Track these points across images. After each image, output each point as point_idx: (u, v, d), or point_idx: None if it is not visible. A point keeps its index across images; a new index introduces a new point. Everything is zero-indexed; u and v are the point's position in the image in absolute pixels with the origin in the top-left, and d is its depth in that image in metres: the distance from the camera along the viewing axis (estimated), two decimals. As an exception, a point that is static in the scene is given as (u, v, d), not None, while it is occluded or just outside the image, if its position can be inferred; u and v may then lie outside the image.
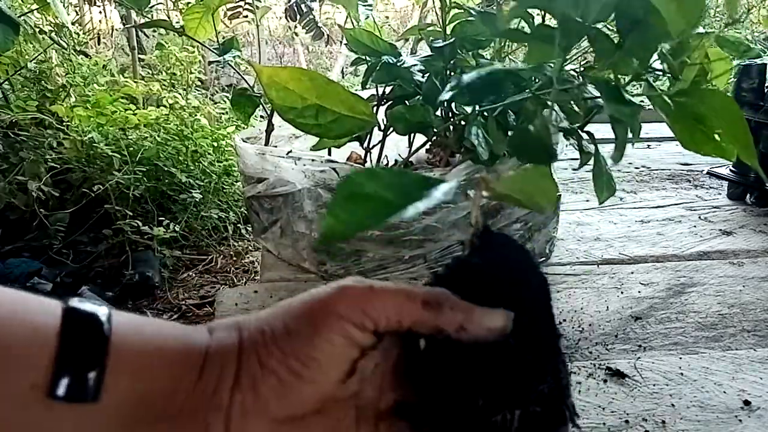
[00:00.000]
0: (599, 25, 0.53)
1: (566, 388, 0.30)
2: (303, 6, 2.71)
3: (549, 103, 0.51)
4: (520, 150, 0.37)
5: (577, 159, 0.70)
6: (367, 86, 1.05)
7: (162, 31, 2.47)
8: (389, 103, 1.07)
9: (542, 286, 0.32)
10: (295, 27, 3.10)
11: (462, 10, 0.95)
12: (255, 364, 0.28)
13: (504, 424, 0.28)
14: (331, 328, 0.28)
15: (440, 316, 0.29)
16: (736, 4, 0.50)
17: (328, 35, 2.91)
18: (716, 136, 0.48)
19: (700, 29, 0.47)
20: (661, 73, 0.52)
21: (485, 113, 0.68)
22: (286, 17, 2.93)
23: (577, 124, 0.66)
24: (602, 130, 0.86)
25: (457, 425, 0.29)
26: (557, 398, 0.29)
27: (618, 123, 0.53)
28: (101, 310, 0.28)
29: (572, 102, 0.65)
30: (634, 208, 1.59)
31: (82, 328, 0.27)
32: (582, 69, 0.79)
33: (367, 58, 1.02)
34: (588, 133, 0.67)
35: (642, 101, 0.57)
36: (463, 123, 0.84)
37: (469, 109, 0.70)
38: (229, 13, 2.20)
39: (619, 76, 0.51)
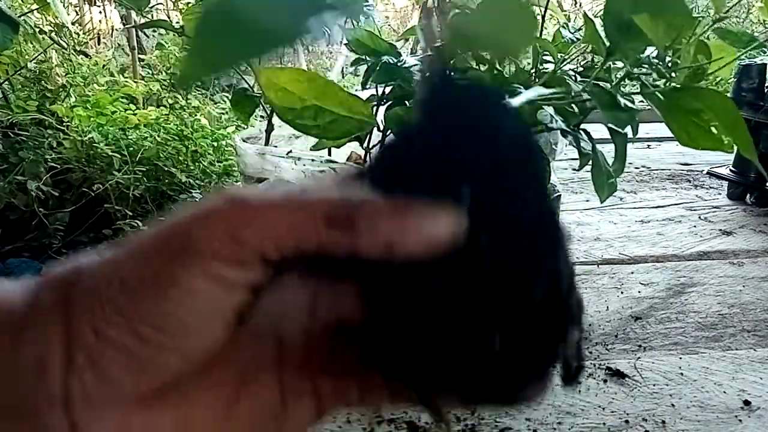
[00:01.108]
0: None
1: (567, 298, 0.21)
2: (303, 6, 2.71)
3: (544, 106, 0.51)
4: None
5: (576, 159, 0.70)
6: (367, 86, 1.05)
7: (162, 31, 2.47)
8: (389, 103, 1.07)
9: (527, 156, 0.21)
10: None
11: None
12: (88, 332, 0.19)
13: (486, 350, 0.20)
14: (190, 271, 0.19)
15: (355, 236, 0.20)
16: (722, 1, 0.50)
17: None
18: (713, 129, 0.48)
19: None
20: (654, 72, 0.52)
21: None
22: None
23: (574, 123, 0.66)
24: (601, 130, 0.86)
25: (423, 352, 0.21)
26: (555, 305, 0.21)
27: (617, 134, 0.54)
28: None
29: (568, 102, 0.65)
30: (634, 208, 1.59)
31: None
32: (579, 68, 0.79)
33: (367, 58, 1.02)
34: (585, 131, 0.67)
35: (641, 101, 0.57)
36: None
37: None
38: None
39: (613, 75, 0.52)
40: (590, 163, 0.67)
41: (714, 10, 0.52)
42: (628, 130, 0.54)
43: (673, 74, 0.49)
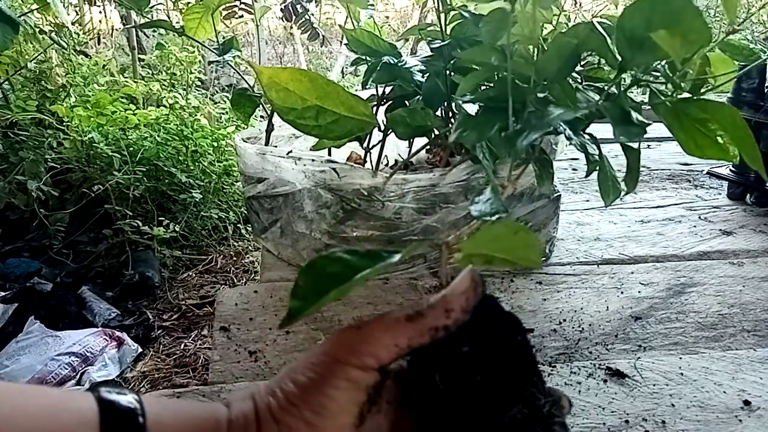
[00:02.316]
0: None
1: (542, 412, 0.32)
2: (298, 6, 2.71)
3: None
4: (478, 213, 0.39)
5: (576, 159, 0.70)
6: (368, 86, 1.05)
7: (162, 31, 2.47)
8: (389, 103, 1.07)
9: (509, 321, 0.35)
10: (291, 27, 3.10)
11: (462, 10, 0.95)
12: (271, 424, 0.30)
13: None
14: (334, 373, 0.30)
15: (426, 320, 0.31)
16: (734, 11, 0.50)
17: (323, 36, 2.91)
18: (719, 139, 0.48)
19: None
20: (666, 81, 0.52)
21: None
22: (282, 17, 2.93)
23: (581, 128, 0.66)
24: (602, 129, 0.86)
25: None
26: (531, 421, 0.31)
27: (630, 151, 0.54)
28: (133, 402, 0.31)
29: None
30: (634, 208, 1.59)
31: (122, 424, 0.29)
32: (585, 72, 0.79)
33: (367, 59, 1.02)
34: (590, 135, 0.67)
35: (642, 101, 0.57)
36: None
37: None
38: (224, 13, 2.20)
39: (621, 81, 0.52)
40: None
41: (728, 22, 0.52)
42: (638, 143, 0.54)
43: (682, 84, 0.49)
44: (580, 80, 0.75)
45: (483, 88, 0.66)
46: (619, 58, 0.46)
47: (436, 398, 0.32)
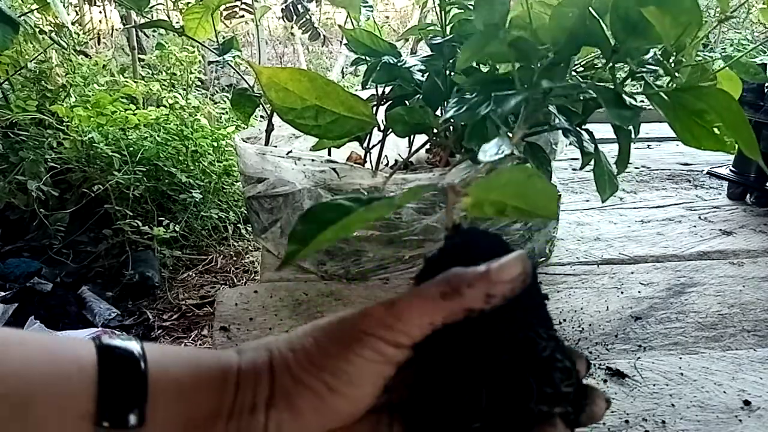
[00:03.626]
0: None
1: (543, 359, 0.30)
2: (299, 6, 2.71)
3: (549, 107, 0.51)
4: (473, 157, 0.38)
5: (577, 159, 0.70)
6: (367, 86, 1.05)
7: (162, 31, 2.47)
8: (389, 103, 1.07)
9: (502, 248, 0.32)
10: (292, 27, 3.10)
11: (462, 10, 0.95)
12: (288, 380, 0.29)
13: (473, 403, 0.28)
14: (362, 344, 0.29)
15: (463, 300, 0.28)
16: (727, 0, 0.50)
17: (324, 36, 2.90)
18: (716, 130, 0.47)
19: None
20: (659, 70, 0.52)
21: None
22: (283, 17, 2.93)
23: (577, 122, 0.66)
24: (602, 129, 0.86)
25: (428, 411, 0.30)
26: (522, 370, 0.29)
27: (621, 131, 0.53)
28: (134, 347, 0.29)
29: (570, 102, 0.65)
30: (634, 208, 1.59)
31: (120, 369, 0.28)
32: (581, 68, 0.79)
33: (367, 59, 1.02)
34: (587, 131, 0.67)
35: (642, 101, 0.57)
36: (462, 124, 0.84)
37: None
38: (224, 13, 2.21)
39: (617, 75, 0.51)
40: (592, 162, 0.67)
41: (720, 9, 0.51)
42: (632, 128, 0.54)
43: (677, 74, 0.49)
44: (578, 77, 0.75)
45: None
46: (613, 41, 0.46)
47: (429, 343, 0.30)
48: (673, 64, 0.49)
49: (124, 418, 0.27)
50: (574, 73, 0.68)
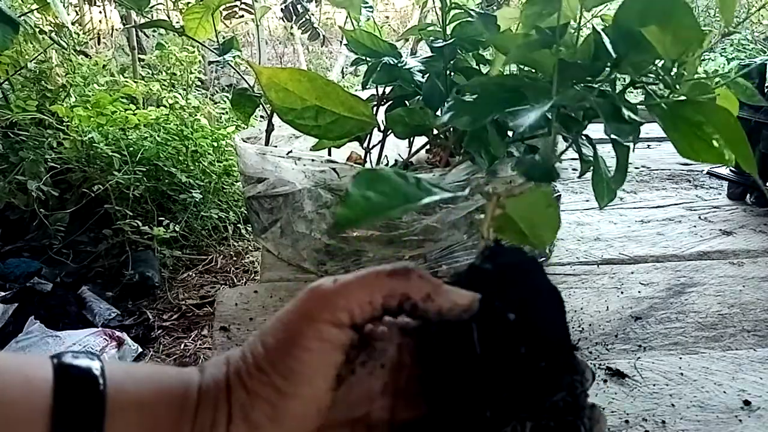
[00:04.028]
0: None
1: (583, 403, 0.29)
2: (299, 6, 2.71)
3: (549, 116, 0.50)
4: (527, 173, 0.36)
5: (577, 159, 0.70)
6: (368, 86, 1.05)
7: (162, 31, 2.47)
8: (389, 103, 1.07)
9: (554, 297, 0.32)
10: (292, 27, 3.10)
11: (462, 11, 0.95)
12: (242, 393, 0.28)
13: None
14: (305, 334, 0.27)
15: (408, 283, 0.28)
16: (731, 13, 0.50)
17: (324, 36, 2.90)
18: (715, 143, 0.47)
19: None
20: (660, 82, 0.52)
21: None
22: (283, 17, 2.93)
23: (576, 130, 0.66)
24: (601, 129, 0.85)
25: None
26: (572, 412, 0.29)
27: (620, 146, 0.53)
28: (94, 365, 0.28)
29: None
30: (634, 208, 1.59)
31: (77, 389, 0.27)
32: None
33: (367, 59, 1.02)
34: (587, 137, 0.67)
35: (641, 101, 0.57)
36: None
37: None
38: (224, 13, 2.21)
39: (617, 83, 0.51)
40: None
41: (723, 23, 0.51)
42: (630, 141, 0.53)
43: (677, 86, 0.48)
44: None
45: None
46: (614, 55, 0.46)
47: (468, 361, 0.29)
48: (674, 77, 0.49)
49: None
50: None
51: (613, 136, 0.46)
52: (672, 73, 0.49)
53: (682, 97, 0.49)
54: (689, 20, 0.40)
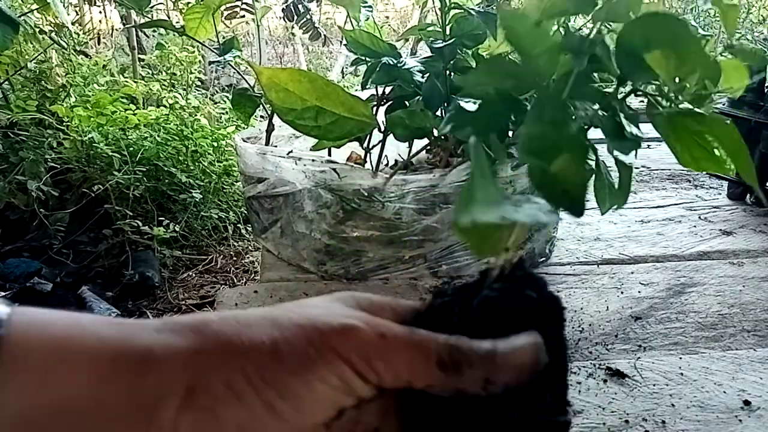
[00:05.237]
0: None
1: (570, 412, 0.28)
2: (300, 6, 2.71)
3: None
4: (550, 197, 0.35)
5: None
6: (367, 87, 1.05)
7: (162, 31, 2.47)
8: (389, 103, 1.07)
9: (559, 314, 0.29)
10: (292, 27, 3.10)
11: (462, 11, 0.95)
12: (219, 382, 0.23)
13: None
14: (329, 368, 0.24)
15: (460, 379, 0.24)
16: (734, 26, 0.50)
17: (325, 36, 2.90)
18: (715, 152, 0.48)
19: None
20: (660, 95, 0.52)
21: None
22: (283, 17, 2.93)
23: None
24: (599, 130, 0.85)
25: None
26: (569, 426, 0.27)
27: (623, 166, 0.53)
28: (2, 310, 0.24)
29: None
30: (634, 208, 1.59)
31: None
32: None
33: (367, 59, 1.02)
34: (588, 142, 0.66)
35: (641, 102, 0.57)
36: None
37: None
38: (225, 13, 2.21)
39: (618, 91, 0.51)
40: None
41: (727, 34, 0.51)
42: (633, 159, 0.53)
43: (679, 97, 0.48)
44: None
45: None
46: (618, 72, 0.46)
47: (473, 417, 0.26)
48: (675, 90, 0.49)
49: None
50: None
51: (615, 154, 0.46)
52: (673, 89, 0.49)
53: (685, 106, 0.49)
54: (695, 47, 0.39)
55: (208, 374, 0.23)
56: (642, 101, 0.54)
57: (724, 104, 1.61)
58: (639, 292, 1.10)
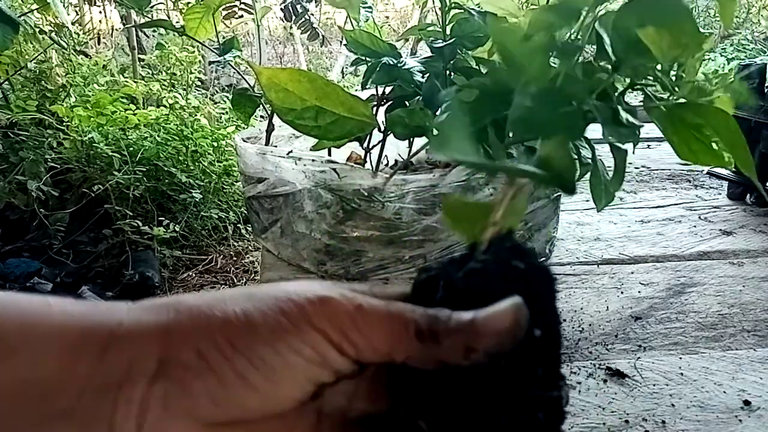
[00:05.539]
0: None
1: (565, 387, 0.27)
2: (299, 6, 2.71)
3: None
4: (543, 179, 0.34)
5: (576, 159, 0.70)
6: (367, 87, 1.05)
7: (162, 31, 2.47)
8: (389, 103, 1.07)
9: (549, 285, 0.28)
10: (292, 27, 3.10)
11: (462, 11, 0.95)
12: (191, 352, 0.22)
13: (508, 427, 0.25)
14: (302, 337, 0.23)
15: (439, 348, 0.23)
16: (731, 17, 0.50)
17: (323, 36, 2.91)
18: (714, 145, 0.47)
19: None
20: (658, 84, 0.52)
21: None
22: (283, 17, 2.93)
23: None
24: (599, 130, 0.85)
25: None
26: (563, 401, 0.27)
27: (618, 151, 0.53)
28: None
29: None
30: (634, 208, 1.59)
31: None
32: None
33: (367, 59, 1.02)
34: (585, 139, 0.67)
35: (641, 101, 0.57)
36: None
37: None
38: (224, 13, 2.21)
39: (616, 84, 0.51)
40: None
41: (723, 26, 0.51)
42: (629, 145, 0.53)
43: (676, 88, 0.48)
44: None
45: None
46: (614, 58, 0.46)
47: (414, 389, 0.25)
48: (673, 80, 0.49)
49: None
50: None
51: (611, 140, 0.46)
52: (671, 76, 0.48)
53: (681, 100, 0.49)
54: (690, 25, 0.39)
55: (179, 346, 0.23)
56: (641, 102, 0.54)
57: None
58: (639, 292, 1.10)
